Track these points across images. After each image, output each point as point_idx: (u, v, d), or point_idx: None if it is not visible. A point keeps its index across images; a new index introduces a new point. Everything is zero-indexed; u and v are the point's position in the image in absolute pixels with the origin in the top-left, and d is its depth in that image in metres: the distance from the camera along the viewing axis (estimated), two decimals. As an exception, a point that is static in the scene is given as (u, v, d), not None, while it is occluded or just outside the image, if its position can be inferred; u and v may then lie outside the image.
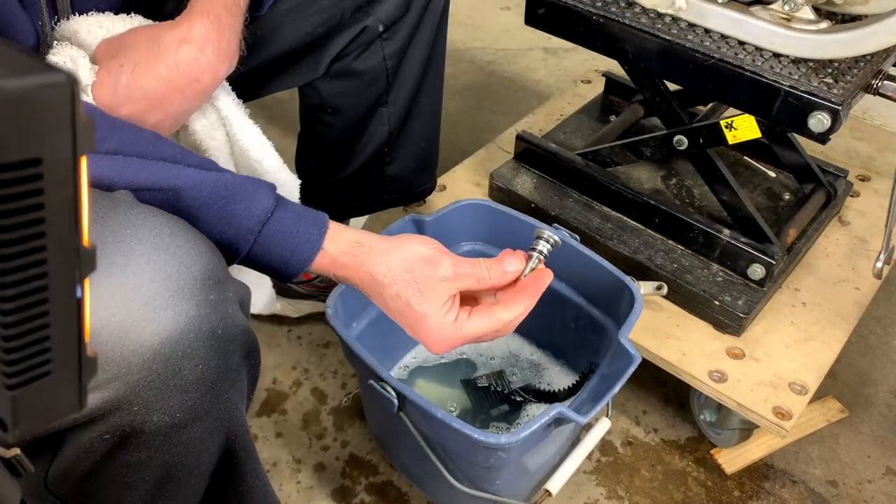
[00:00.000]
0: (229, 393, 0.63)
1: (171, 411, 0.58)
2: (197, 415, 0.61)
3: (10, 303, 0.33)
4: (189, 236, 0.60)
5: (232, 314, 0.61)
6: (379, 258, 0.71)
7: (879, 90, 0.95)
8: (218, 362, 0.60)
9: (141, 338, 0.55)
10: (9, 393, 0.34)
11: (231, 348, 0.61)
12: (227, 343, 0.60)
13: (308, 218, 0.71)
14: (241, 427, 0.68)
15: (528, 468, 0.93)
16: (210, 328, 0.58)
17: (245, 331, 0.63)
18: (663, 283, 1.08)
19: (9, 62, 0.31)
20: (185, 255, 0.58)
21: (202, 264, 0.59)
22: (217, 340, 0.59)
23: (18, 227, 0.31)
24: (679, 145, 1.11)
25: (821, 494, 1.09)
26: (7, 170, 0.30)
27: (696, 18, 0.98)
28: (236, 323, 0.62)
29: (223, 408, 0.63)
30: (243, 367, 0.65)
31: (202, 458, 0.65)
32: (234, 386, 0.64)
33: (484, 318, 0.71)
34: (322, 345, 1.27)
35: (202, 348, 0.58)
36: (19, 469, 0.45)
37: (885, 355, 1.28)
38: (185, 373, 0.58)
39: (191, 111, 0.81)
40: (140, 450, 0.60)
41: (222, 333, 0.60)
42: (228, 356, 0.61)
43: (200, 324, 0.58)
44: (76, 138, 0.32)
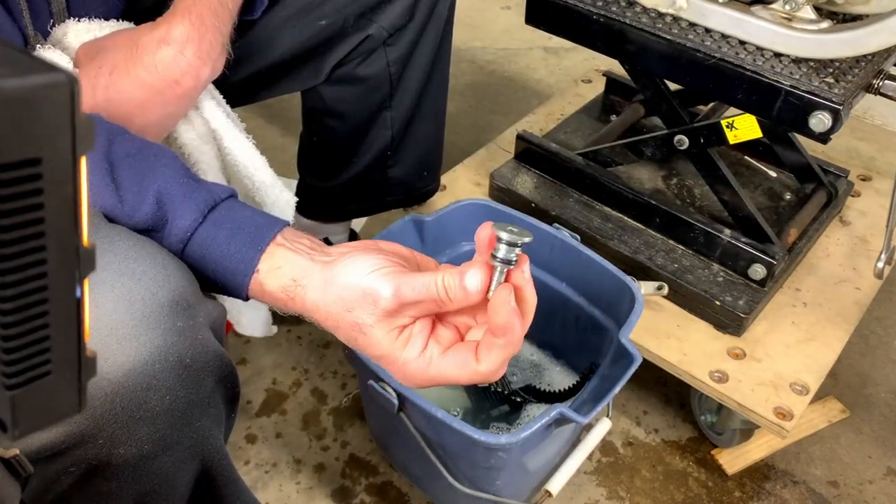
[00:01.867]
0: (201, 421, 0.61)
1: (138, 443, 0.56)
2: (166, 445, 0.59)
3: (10, 303, 0.32)
4: (157, 259, 0.58)
5: (202, 340, 0.59)
6: (315, 299, 0.61)
7: (880, 90, 0.95)
8: (187, 392, 0.58)
9: (103, 370, 0.53)
10: (8, 393, 0.34)
11: (201, 376, 0.59)
12: (197, 371, 0.58)
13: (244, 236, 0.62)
14: (218, 452, 0.66)
15: (529, 468, 0.93)
16: (177, 357, 0.56)
17: (217, 355, 0.61)
18: (664, 283, 1.08)
19: (8, 62, 0.31)
20: (150, 281, 0.56)
21: (169, 289, 0.57)
22: (185, 370, 0.57)
23: (18, 227, 0.31)
24: (680, 145, 1.11)
25: (822, 495, 1.09)
26: (6, 170, 0.30)
27: (697, 18, 0.98)
28: (207, 349, 0.59)
29: (195, 436, 0.61)
30: (217, 393, 0.63)
31: (177, 486, 0.63)
32: (206, 413, 0.61)
33: (456, 363, 0.59)
34: (322, 345, 1.27)
35: (169, 378, 0.56)
36: (19, 469, 0.45)
37: (885, 355, 1.28)
38: (152, 404, 0.56)
39: (175, 117, 0.79)
40: (109, 480, 0.58)
41: (191, 362, 0.57)
42: (199, 384, 0.59)
43: (167, 353, 0.56)
44: (76, 138, 0.32)
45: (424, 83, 1.07)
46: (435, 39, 1.04)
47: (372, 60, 1.00)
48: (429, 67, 1.06)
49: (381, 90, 1.03)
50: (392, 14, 0.97)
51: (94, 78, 0.73)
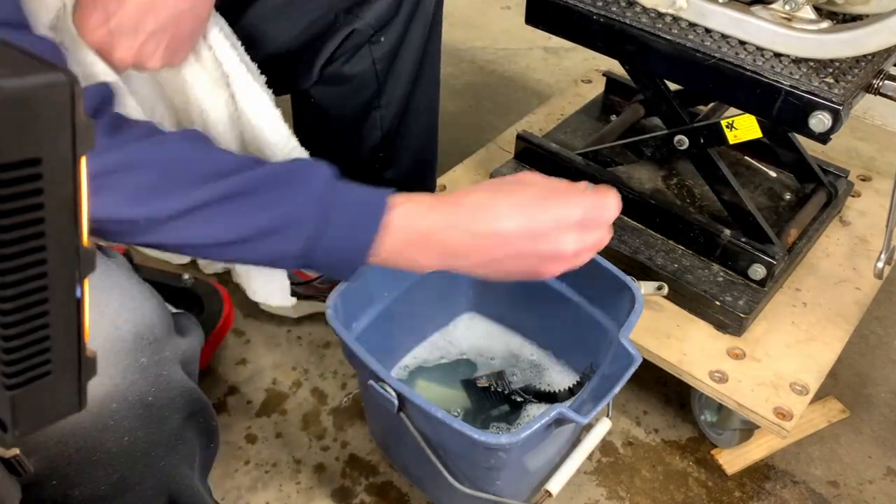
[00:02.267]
0: (166, 459, 0.59)
1: (94, 484, 0.55)
2: (126, 486, 0.57)
3: (10, 303, 0.32)
4: (124, 290, 0.56)
5: (167, 376, 0.57)
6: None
7: (880, 90, 0.95)
8: (148, 431, 0.56)
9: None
10: (8, 393, 0.34)
11: (166, 413, 0.57)
12: (162, 409, 0.57)
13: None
14: (188, 490, 0.64)
15: (529, 468, 0.93)
16: (138, 396, 0.54)
17: (186, 391, 0.59)
18: (664, 284, 1.08)
19: (8, 62, 0.31)
20: (113, 314, 0.54)
21: (134, 322, 0.55)
22: (147, 409, 0.55)
23: (18, 227, 0.31)
24: (680, 145, 1.11)
25: (821, 495, 1.09)
26: (7, 170, 0.30)
27: (697, 18, 0.98)
28: (172, 385, 0.58)
29: (160, 475, 0.59)
30: (189, 429, 0.61)
31: None
32: (173, 451, 0.60)
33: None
34: (322, 345, 1.27)
35: (128, 419, 0.54)
36: (19, 469, 0.45)
37: (885, 355, 1.28)
38: (108, 445, 0.54)
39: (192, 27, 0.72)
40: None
41: (154, 400, 0.56)
42: (162, 422, 0.57)
43: (126, 392, 0.54)
44: (76, 138, 0.32)
45: (413, 81, 1.06)
46: (422, 35, 1.03)
47: (358, 59, 0.99)
48: (417, 64, 1.05)
49: (367, 89, 1.02)
50: (378, 8, 0.96)
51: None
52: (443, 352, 1.16)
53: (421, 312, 1.13)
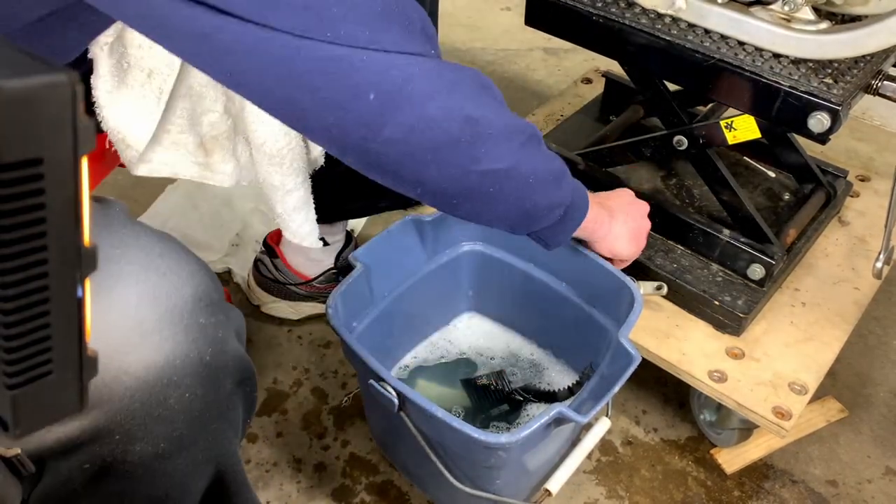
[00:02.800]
0: (218, 423, 0.60)
1: (154, 441, 0.56)
2: (182, 445, 0.58)
3: (11, 302, 0.33)
4: (181, 256, 0.58)
5: (223, 339, 0.58)
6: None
7: (879, 90, 0.95)
8: (206, 391, 0.57)
9: (124, 364, 0.52)
10: (9, 392, 0.34)
11: (221, 376, 0.58)
12: (217, 371, 0.58)
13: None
14: (232, 458, 0.65)
15: (529, 468, 0.93)
16: (198, 355, 0.56)
17: (238, 358, 0.61)
18: (663, 283, 1.09)
19: (9, 61, 0.31)
20: (175, 277, 0.56)
21: (193, 286, 0.57)
22: (206, 368, 0.56)
23: (19, 227, 0.32)
24: (679, 145, 1.11)
25: (820, 494, 1.09)
26: (8, 170, 0.30)
27: (696, 19, 0.98)
28: (227, 349, 0.59)
29: (211, 438, 0.60)
30: (236, 396, 0.62)
31: (189, 491, 0.62)
32: (224, 416, 0.61)
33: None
34: (322, 345, 1.27)
35: (189, 376, 0.55)
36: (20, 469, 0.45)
37: (884, 355, 1.28)
38: (171, 402, 0.55)
39: None
40: (121, 480, 0.57)
41: (211, 360, 0.57)
42: (218, 385, 0.58)
43: (188, 350, 0.55)
44: (77, 138, 0.32)
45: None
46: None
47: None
48: None
49: None
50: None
51: None
52: (443, 351, 1.16)
53: (421, 312, 1.13)
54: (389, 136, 0.57)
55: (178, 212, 1.46)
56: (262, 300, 1.29)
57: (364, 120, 0.56)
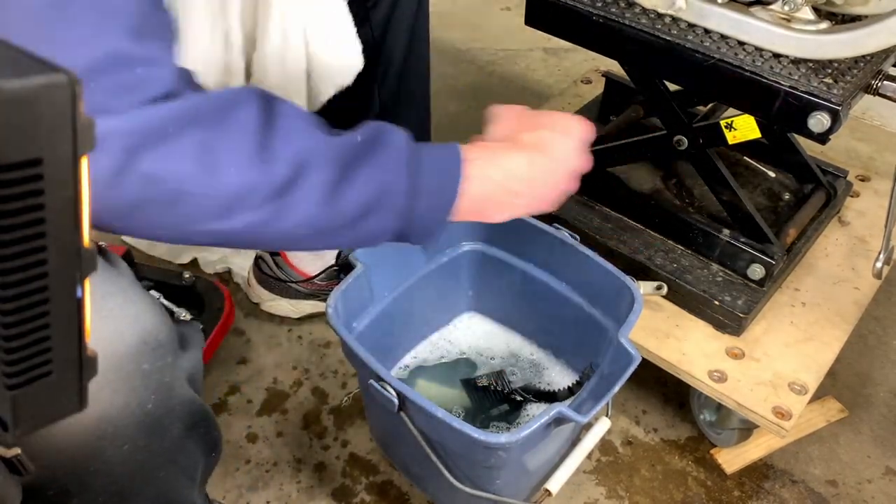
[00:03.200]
0: (165, 471, 0.58)
1: (91, 496, 0.54)
2: (124, 497, 0.55)
3: (11, 303, 0.33)
4: (129, 296, 0.54)
5: (169, 385, 0.56)
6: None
7: (879, 90, 0.95)
8: (149, 440, 0.55)
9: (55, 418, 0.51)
10: (9, 393, 0.34)
11: (166, 422, 0.56)
12: (161, 418, 0.55)
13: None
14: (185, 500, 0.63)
15: (529, 468, 0.93)
16: (139, 404, 0.53)
17: (187, 402, 0.58)
18: (663, 283, 1.09)
19: (9, 62, 0.31)
20: (117, 321, 0.53)
21: (138, 329, 0.53)
22: (148, 416, 0.54)
23: (19, 228, 0.32)
24: (679, 145, 1.11)
25: (820, 494, 1.09)
26: (8, 170, 0.30)
27: (696, 19, 0.98)
28: (174, 395, 0.56)
29: (159, 486, 0.58)
30: (189, 441, 0.60)
31: None
32: (172, 462, 0.58)
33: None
34: (322, 344, 1.27)
35: (129, 426, 0.53)
36: (20, 468, 0.45)
37: (884, 355, 1.28)
38: (107, 455, 0.52)
39: None
40: None
41: (154, 409, 0.54)
42: (163, 432, 0.56)
43: (127, 400, 0.52)
44: (76, 138, 0.32)
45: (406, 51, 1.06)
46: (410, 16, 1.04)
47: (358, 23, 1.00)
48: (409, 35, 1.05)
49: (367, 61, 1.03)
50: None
51: None
52: (443, 351, 1.16)
53: (421, 312, 1.13)
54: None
55: (178, 212, 1.45)
56: (261, 298, 1.29)
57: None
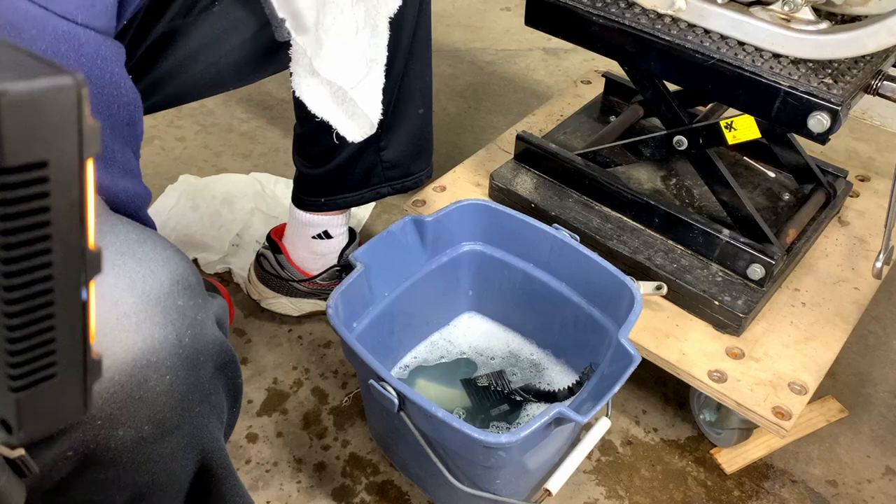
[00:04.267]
0: (200, 407, 0.60)
1: (137, 425, 0.55)
2: (166, 429, 0.57)
3: (16, 305, 0.33)
4: (157, 242, 0.58)
5: (202, 322, 0.58)
6: None
7: (879, 90, 0.95)
8: (187, 373, 0.57)
9: (103, 346, 0.52)
10: (13, 395, 0.34)
11: (201, 359, 0.58)
12: (197, 353, 0.57)
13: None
14: (216, 443, 0.65)
15: (529, 468, 0.93)
16: (177, 337, 0.55)
17: (218, 342, 0.60)
18: (663, 283, 1.09)
19: (14, 64, 0.31)
20: (151, 262, 0.56)
21: (170, 270, 0.56)
22: (185, 350, 0.56)
23: (24, 230, 0.32)
24: (679, 146, 1.11)
25: (820, 494, 1.09)
26: (13, 173, 0.30)
27: (696, 19, 0.98)
28: (206, 332, 0.59)
29: (195, 422, 0.60)
30: (218, 381, 0.62)
31: (176, 476, 0.62)
32: (206, 399, 0.60)
33: None
34: (323, 344, 1.28)
35: (169, 358, 0.55)
36: (24, 470, 0.45)
37: (884, 355, 1.28)
38: (152, 384, 0.55)
39: None
40: (107, 467, 0.57)
41: (190, 343, 0.57)
42: (199, 367, 0.58)
43: (166, 333, 0.55)
44: (82, 141, 0.32)
45: (409, 49, 1.06)
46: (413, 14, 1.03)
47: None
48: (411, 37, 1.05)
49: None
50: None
51: None
52: (443, 351, 1.16)
53: (421, 312, 1.13)
54: None
55: (178, 212, 1.46)
56: (262, 295, 1.29)
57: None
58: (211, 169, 1.60)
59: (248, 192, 1.50)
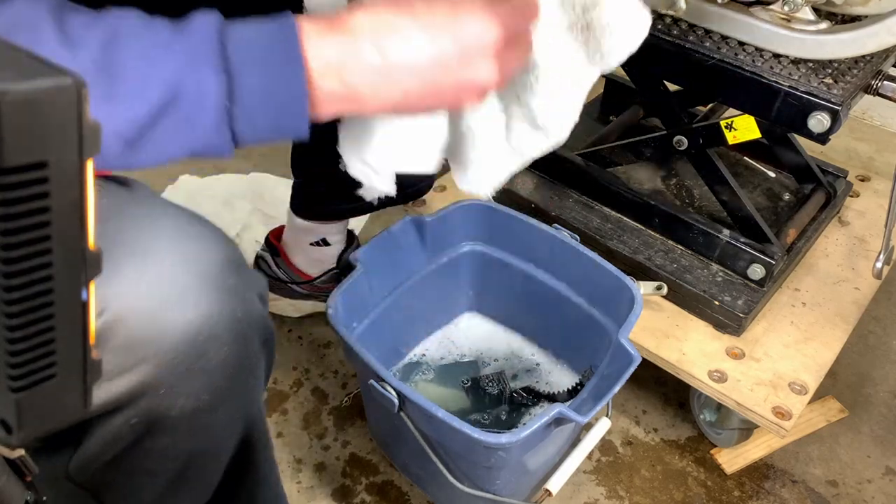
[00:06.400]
0: (249, 378, 0.63)
1: (196, 394, 0.59)
2: (220, 399, 0.61)
3: (16, 305, 0.33)
4: (207, 225, 0.61)
5: (250, 300, 0.61)
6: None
7: (879, 90, 0.95)
8: (239, 347, 0.60)
9: (167, 320, 0.55)
10: (13, 395, 0.34)
11: (250, 334, 0.61)
12: (247, 328, 0.61)
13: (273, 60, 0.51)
14: (260, 414, 0.69)
15: (529, 468, 0.93)
16: (231, 311, 0.58)
17: (263, 318, 0.63)
18: (663, 283, 1.09)
19: (15, 65, 0.31)
20: (204, 242, 0.59)
21: (221, 249, 0.59)
22: (238, 324, 0.59)
23: (24, 230, 0.32)
24: (679, 146, 1.11)
25: (821, 494, 1.09)
26: (13, 173, 0.30)
27: (696, 19, 0.98)
28: (254, 308, 0.62)
29: (245, 393, 0.63)
30: (261, 355, 0.65)
31: (224, 445, 0.65)
32: (253, 372, 0.64)
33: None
34: (323, 345, 1.27)
35: (225, 332, 0.58)
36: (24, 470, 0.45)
37: (884, 355, 1.28)
38: (210, 355, 0.58)
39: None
40: (165, 435, 0.60)
41: (243, 317, 0.60)
42: (248, 341, 0.61)
43: (222, 307, 0.58)
44: (82, 141, 0.32)
45: None
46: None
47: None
48: None
49: None
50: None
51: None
52: (443, 352, 1.16)
53: (421, 312, 1.13)
54: None
55: (177, 212, 1.45)
56: (261, 298, 1.29)
57: None
58: (211, 169, 1.60)
59: (247, 193, 1.50)
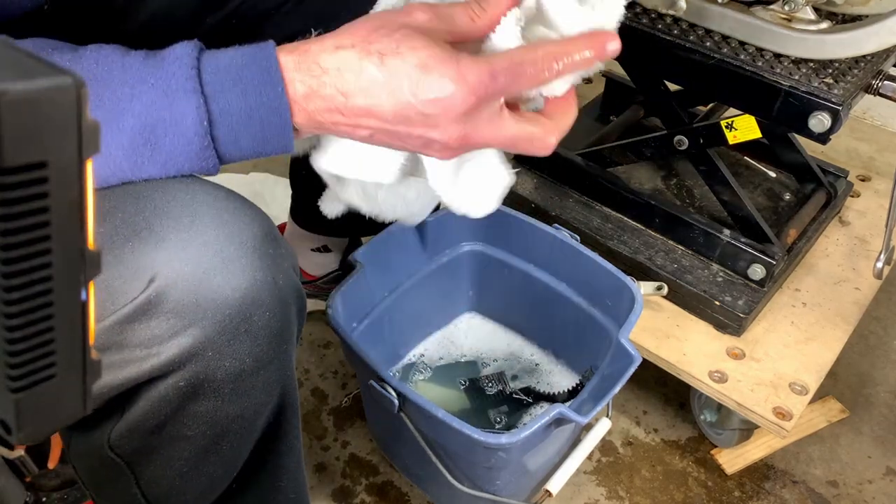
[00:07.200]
0: (287, 344, 0.65)
1: (241, 357, 0.60)
2: (262, 363, 0.62)
3: (15, 305, 0.33)
4: (244, 200, 0.63)
5: (287, 268, 0.63)
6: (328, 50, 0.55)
7: (879, 90, 0.95)
8: (281, 312, 0.62)
9: (215, 285, 0.57)
10: (12, 396, 0.34)
11: (289, 300, 0.63)
12: (286, 295, 0.62)
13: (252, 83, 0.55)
14: (293, 382, 0.70)
15: (529, 468, 0.93)
16: (273, 278, 0.60)
17: (298, 287, 0.65)
18: (663, 284, 1.09)
19: (14, 64, 0.31)
20: (243, 215, 0.61)
21: (259, 223, 0.62)
22: (280, 290, 0.61)
23: (23, 231, 0.31)
24: (679, 145, 1.11)
25: (821, 495, 1.09)
26: (12, 173, 0.30)
27: (697, 19, 0.98)
28: (290, 276, 0.64)
29: (283, 359, 0.65)
30: (296, 323, 0.67)
31: (262, 412, 0.67)
32: (290, 339, 0.65)
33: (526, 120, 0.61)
34: (322, 345, 1.27)
35: (268, 297, 0.60)
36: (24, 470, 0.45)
37: (885, 355, 1.28)
38: (255, 319, 0.60)
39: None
40: (209, 399, 0.61)
41: (283, 284, 0.62)
42: (287, 308, 0.63)
43: (265, 274, 0.60)
44: (82, 141, 0.32)
45: None
46: None
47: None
48: None
49: None
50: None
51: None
52: (443, 352, 1.16)
53: (421, 312, 1.13)
54: None
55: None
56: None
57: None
58: (211, 169, 1.60)
59: (247, 193, 1.50)
